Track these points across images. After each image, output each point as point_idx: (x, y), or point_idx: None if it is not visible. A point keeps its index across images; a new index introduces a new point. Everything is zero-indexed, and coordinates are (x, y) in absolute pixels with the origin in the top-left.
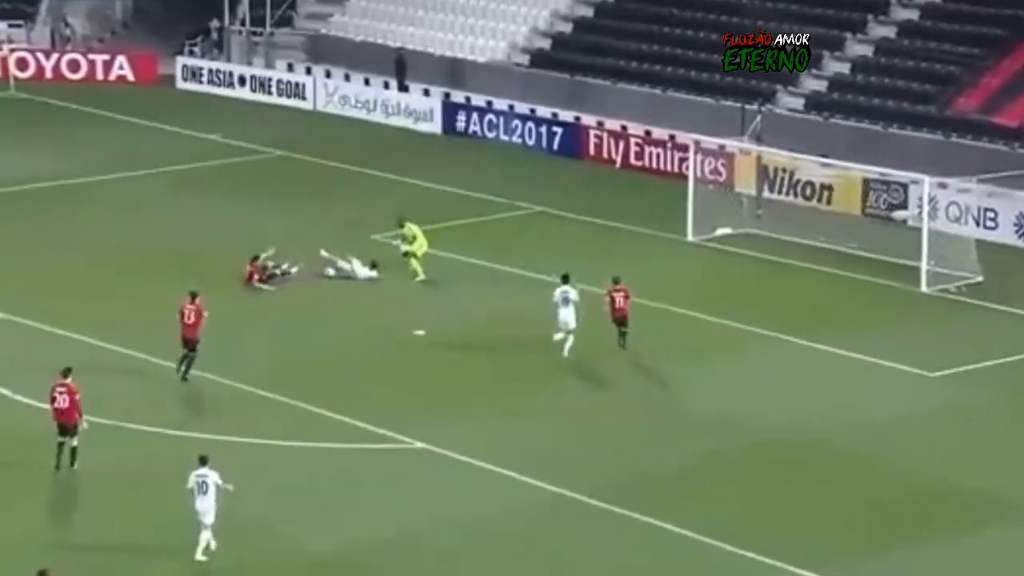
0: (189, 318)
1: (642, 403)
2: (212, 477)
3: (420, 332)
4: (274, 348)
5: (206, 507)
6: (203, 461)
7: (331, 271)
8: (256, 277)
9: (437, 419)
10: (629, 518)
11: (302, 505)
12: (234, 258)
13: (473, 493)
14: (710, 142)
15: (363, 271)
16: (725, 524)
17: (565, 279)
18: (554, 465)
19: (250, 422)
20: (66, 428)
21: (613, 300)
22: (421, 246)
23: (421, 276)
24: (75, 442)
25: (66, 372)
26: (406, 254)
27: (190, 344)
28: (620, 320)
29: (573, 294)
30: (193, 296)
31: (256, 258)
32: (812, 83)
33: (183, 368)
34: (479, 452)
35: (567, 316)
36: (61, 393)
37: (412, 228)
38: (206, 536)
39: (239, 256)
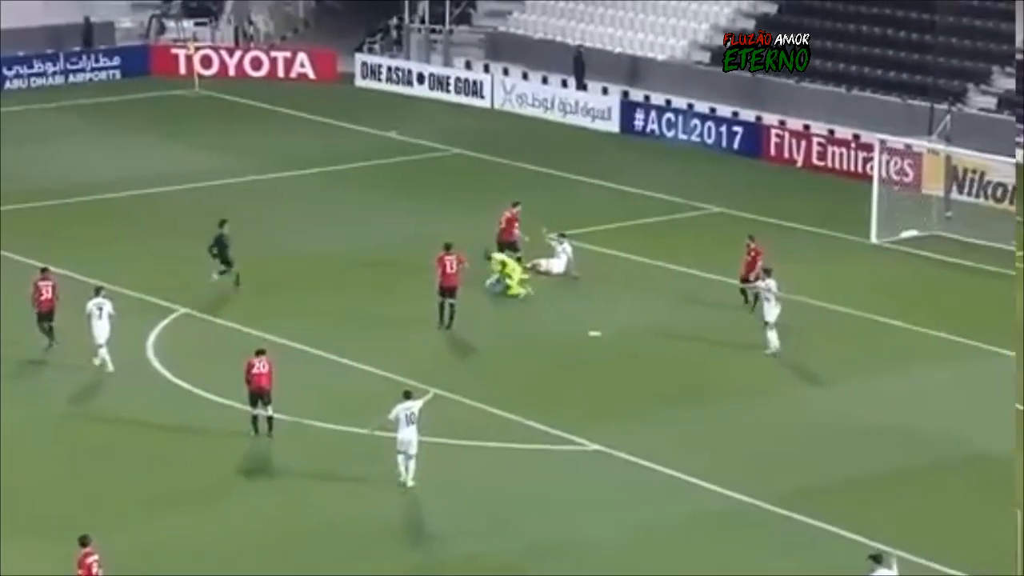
0: (452, 267)
1: (827, 411)
2: (417, 407)
3: (595, 333)
4: (449, 347)
5: (410, 436)
6: (408, 395)
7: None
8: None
9: (614, 422)
10: (816, 527)
11: (478, 506)
12: (409, 257)
13: (653, 498)
14: (896, 142)
15: (558, 263)
16: (915, 536)
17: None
18: (737, 472)
19: (424, 420)
20: (262, 396)
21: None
22: (512, 272)
23: (524, 292)
24: (270, 411)
25: (260, 351)
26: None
27: (450, 292)
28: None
29: (775, 286)
30: (448, 247)
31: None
32: (1006, 81)
33: (447, 318)
34: (658, 456)
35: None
36: (261, 362)
37: (497, 258)
38: (413, 465)
39: (414, 255)
